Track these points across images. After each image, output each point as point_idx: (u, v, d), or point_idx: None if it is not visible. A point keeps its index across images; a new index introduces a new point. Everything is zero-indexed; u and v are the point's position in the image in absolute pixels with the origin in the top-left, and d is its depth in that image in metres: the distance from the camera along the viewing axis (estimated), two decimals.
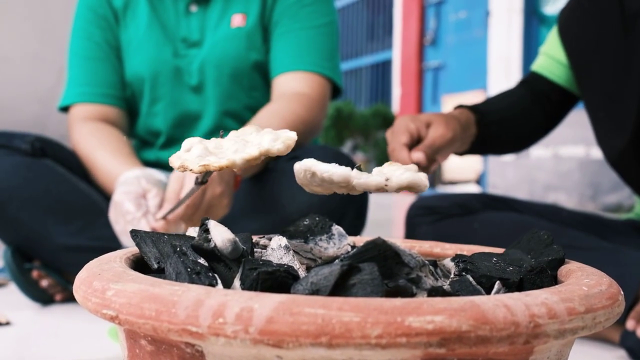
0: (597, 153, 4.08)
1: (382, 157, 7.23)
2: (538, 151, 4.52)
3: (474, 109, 1.26)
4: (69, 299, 1.36)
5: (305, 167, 0.51)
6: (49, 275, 1.34)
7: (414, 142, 1.10)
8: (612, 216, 1.39)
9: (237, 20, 1.44)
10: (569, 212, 1.33)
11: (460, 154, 1.27)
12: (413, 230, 1.33)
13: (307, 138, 1.38)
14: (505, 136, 1.34)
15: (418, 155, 1.05)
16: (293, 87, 1.39)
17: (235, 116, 1.47)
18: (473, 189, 5.46)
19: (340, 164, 1.38)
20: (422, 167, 1.08)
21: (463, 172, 5.77)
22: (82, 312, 1.27)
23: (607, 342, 1.16)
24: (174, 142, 1.49)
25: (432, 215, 1.30)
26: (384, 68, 8.28)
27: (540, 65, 1.38)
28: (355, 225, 1.34)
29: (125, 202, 1.13)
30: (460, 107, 1.27)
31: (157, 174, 1.21)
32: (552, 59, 1.35)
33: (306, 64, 1.41)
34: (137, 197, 1.14)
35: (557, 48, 1.35)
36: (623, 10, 1.21)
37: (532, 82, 1.38)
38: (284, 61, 1.42)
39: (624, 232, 1.29)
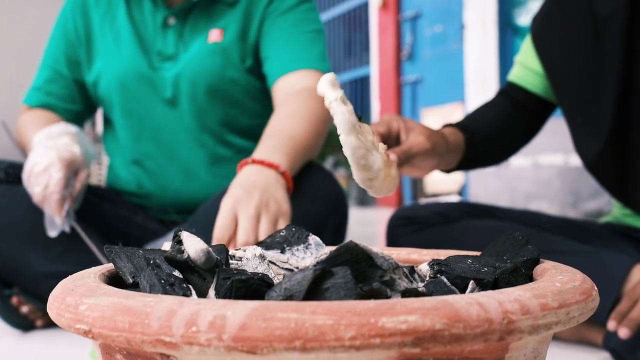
0: (576, 160, 4.11)
1: None
2: (518, 161, 4.55)
3: (462, 128, 1.26)
4: (50, 324, 1.34)
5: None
6: (29, 301, 1.32)
7: (391, 141, 1.08)
8: (590, 220, 1.40)
9: (214, 35, 1.44)
10: (548, 218, 1.34)
11: (447, 171, 1.27)
12: (394, 240, 1.33)
13: (325, 135, 1.34)
14: (490, 151, 1.35)
15: (391, 156, 1.03)
16: (300, 84, 1.35)
17: (211, 131, 1.47)
18: (455, 200, 5.47)
19: (325, 179, 1.37)
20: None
21: (444, 184, 5.79)
22: (63, 338, 1.26)
23: (590, 345, 1.16)
24: (144, 155, 1.50)
25: (412, 225, 1.30)
26: (363, 84, 8.33)
27: (516, 75, 1.39)
28: (335, 238, 1.34)
29: (58, 171, 1.22)
30: (449, 125, 1.27)
31: (86, 139, 1.34)
32: (528, 68, 1.37)
33: (307, 62, 1.39)
34: (72, 173, 1.26)
35: (531, 57, 1.36)
36: (593, 15, 1.22)
37: (509, 92, 1.39)
38: (283, 63, 1.40)
39: (602, 235, 1.30)
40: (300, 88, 1.34)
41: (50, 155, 1.24)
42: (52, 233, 1.24)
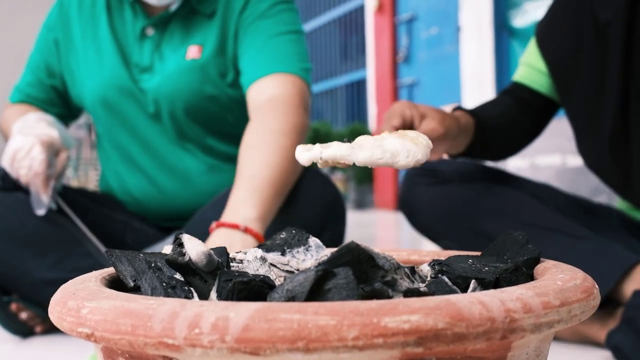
0: (573, 161, 4.12)
1: (361, 175, 7.25)
2: (515, 162, 4.55)
3: (472, 114, 1.27)
4: (50, 330, 1.34)
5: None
6: (29, 307, 1.32)
7: (406, 126, 1.10)
8: (604, 205, 1.41)
9: (193, 52, 1.40)
10: (563, 196, 1.35)
11: (455, 156, 1.28)
12: (410, 189, 1.34)
13: (301, 142, 1.28)
14: (497, 143, 1.36)
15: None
16: (266, 93, 1.31)
17: (197, 143, 1.46)
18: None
19: (322, 183, 1.35)
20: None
21: None
22: (63, 344, 1.26)
23: (592, 344, 1.16)
24: (135, 165, 1.50)
25: (431, 177, 1.31)
26: (359, 87, 8.33)
27: (521, 75, 1.41)
28: (333, 241, 1.34)
29: (41, 153, 1.26)
30: (459, 109, 1.28)
31: (65, 130, 1.40)
32: (533, 68, 1.38)
33: (277, 66, 1.34)
34: (53, 154, 1.30)
35: (536, 57, 1.38)
36: (595, 19, 1.25)
37: (514, 91, 1.40)
38: (253, 69, 1.36)
39: (612, 224, 1.31)
40: (268, 97, 1.29)
41: (31, 139, 1.28)
42: (40, 212, 1.28)
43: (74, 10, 1.50)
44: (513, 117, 1.37)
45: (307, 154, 0.54)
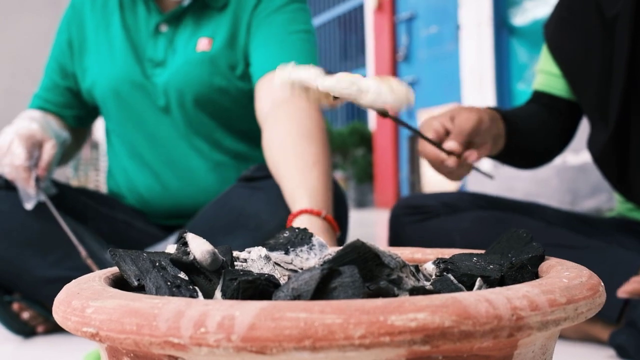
0: (573, 159, 4.11)
1: (361, 174, 7.24)
2: None
3: (497, 110, 1.25)
4: (52, 330, 1.34)
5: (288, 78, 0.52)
6: (30, 307, 1.32)
7: (443, 137, 1.09)
8: (593, 214, 1.40)
9: (203, 44, 1.42)
10: (553, 211, 1.34)
11: (495, 157, 1.26)
12: (398, 230, 1.31)
13: (325, 141, 1.26)
14: (530, 143, 1.33)
15: (450, 143, 1.05)
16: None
17: (205, 138, 1.46)
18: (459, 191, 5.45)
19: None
20: (457, 156, 1.07)
21: (442, 184, 5.79)
22: (64, 343, 1.26)
23: (596, 342, 1.16)
24: (141, 161, 1.50)
25: (418, 214, 1.28)
26: None
27: (540, 83, 1.40)
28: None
29: (18, 146, 1.25)
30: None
31: (55, 124, 1.39)
32: (550, 74, 1.38)
33: (293, 62, 1.34)
34: (33, 145, 1.28)
35: (550, 63, 1.37)
36: (601, 16, 1.24)
37: (536, 99, 1.39)
38: (267, 61, 1.36)
39: (606, 230, 1.30)
40: (286, 97, 1.27)
41: (9, 136, 1.29)
42: (28, 205, 1.28)
43: (87, 9, 1.52)
44: (542, 120, 1.36)
45: (279, 75, 0.53)
